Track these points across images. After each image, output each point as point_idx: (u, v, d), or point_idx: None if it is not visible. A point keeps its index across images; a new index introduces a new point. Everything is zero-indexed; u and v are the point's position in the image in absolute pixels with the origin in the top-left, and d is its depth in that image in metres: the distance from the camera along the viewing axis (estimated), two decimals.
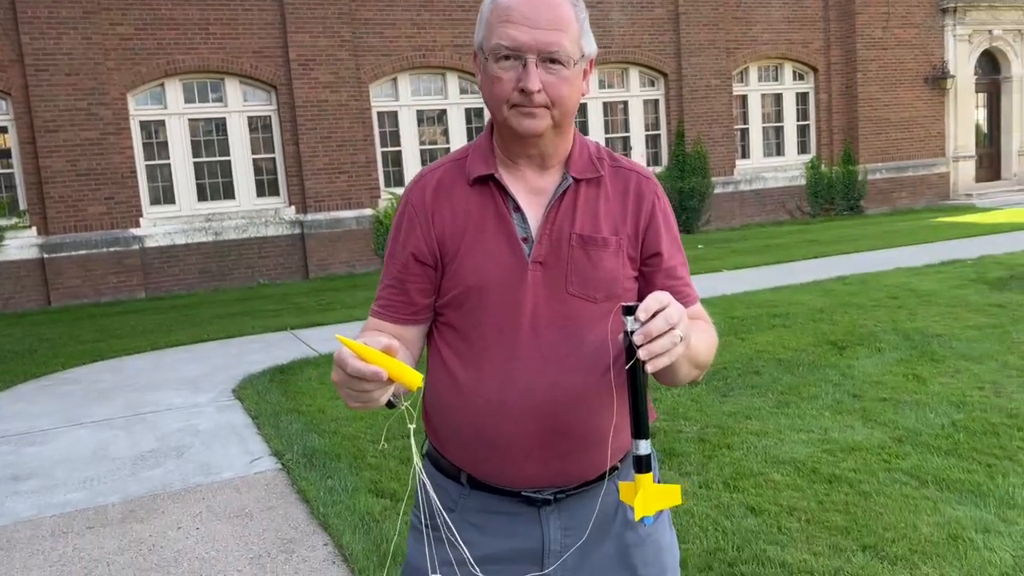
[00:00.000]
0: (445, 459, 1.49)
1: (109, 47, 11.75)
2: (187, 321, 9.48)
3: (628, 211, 1.45)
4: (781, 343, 6.50)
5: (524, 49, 1.31)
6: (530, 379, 1.38)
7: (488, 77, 1.36)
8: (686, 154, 15.94)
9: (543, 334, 1.39)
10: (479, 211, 1.42)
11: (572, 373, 1.38)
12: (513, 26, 1.31)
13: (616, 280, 1.42)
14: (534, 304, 1.39)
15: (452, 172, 1.46)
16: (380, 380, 1.14)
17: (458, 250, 1.41)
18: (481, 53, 1.38)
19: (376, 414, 5.21)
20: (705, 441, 4.42)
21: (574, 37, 1.35)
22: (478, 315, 1.40)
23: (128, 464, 4.76)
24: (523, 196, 1.43)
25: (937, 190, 18.50)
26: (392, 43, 13.51)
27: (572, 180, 1.42)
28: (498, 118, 1.39)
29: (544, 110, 1.34)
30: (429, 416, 1.52)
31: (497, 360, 1.40)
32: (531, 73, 1.31)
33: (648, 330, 1.14)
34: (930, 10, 17.87)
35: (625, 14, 15.30)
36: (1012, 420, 4.43)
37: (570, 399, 1.38)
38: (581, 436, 1.40)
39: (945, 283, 8.65)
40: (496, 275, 1.39)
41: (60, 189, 11.58)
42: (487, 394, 1.39)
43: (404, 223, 1.46)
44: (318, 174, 13.11)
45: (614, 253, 1.42)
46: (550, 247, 1.40)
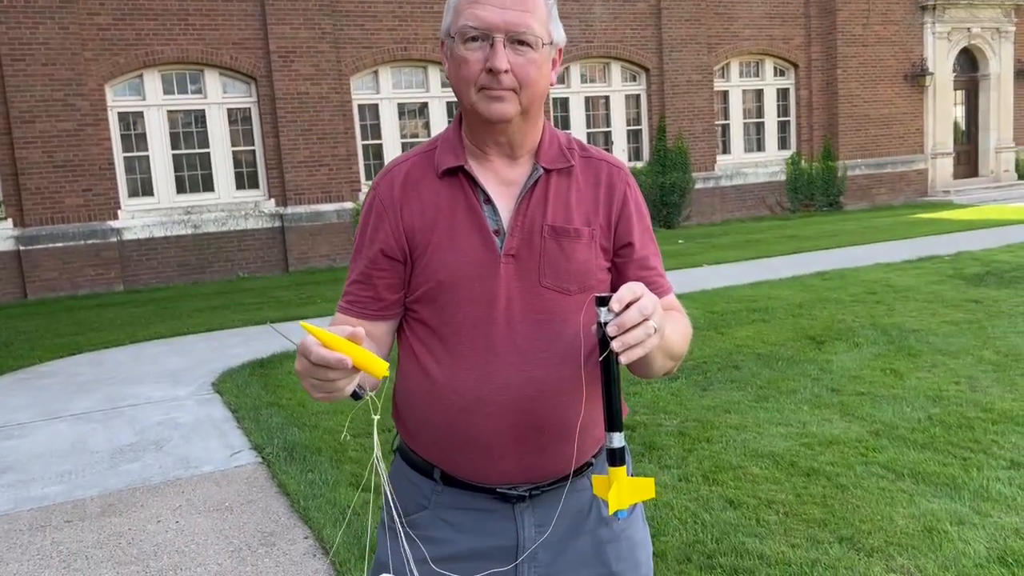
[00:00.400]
0: (417, 455, 1.47)
1: (87, 37, 11.61)
2: (166, 314, 9.41)
3: (600, 201, 1.44)
4: (760, 338, 6.55)
5: (492, 29, 1.30)
6: (506, 374, 1.36)
7: (455, 60, 1.34)
8: (667, 149, 15.99)
9: (518, 327, 1.37)
10: (449, 204, 1.40)
11: (548, 367, 1.37)
12: (480, 6, 1.30)
13: (589, 272, 1.41)
14: (508, 297, 1.37)
15: (420, 164, 1.44)
16: (345, 368, 1.11)
17: (428, 244, 1.39)
18: (448, 38, 1.36)
19: (358, 409, 5.20)
20: (685, 435, 4.45)
21: (542, 20, 1.34)
22: (451, 310, 1.38)
23: (107, 458, 4.72)
24: (493, 187, 1.41)
25: (916, 186, 18.68)
26: (373, 35, 13.45)
27: (543, 170, 1.41)
28: (466, 104, 1.36)
29: (512, 93, 1.32)
30: (400, 412, 1.49)
31: (472, 355, 1.38)
32: (499, 52, 1.29)
33: (622, 321, 1.12)
34: (909, 7, 18.02)
35: (607, 8, 15.31)
36: (987, 414, 4.49)
37: (546, 393, 1.37)
38: (557, 430, 1.39)
39: (923, 279, 8.75)
40: (468, 269, 1.37)
41: (37, 180, 11.44)
42: (463, 390, 1.37)
43: (372, 217, 1.43)
44: (298, 167, 13.04)
45: (587, 244, 1.41)
46: (522, 239, 1.38)
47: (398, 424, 1.51)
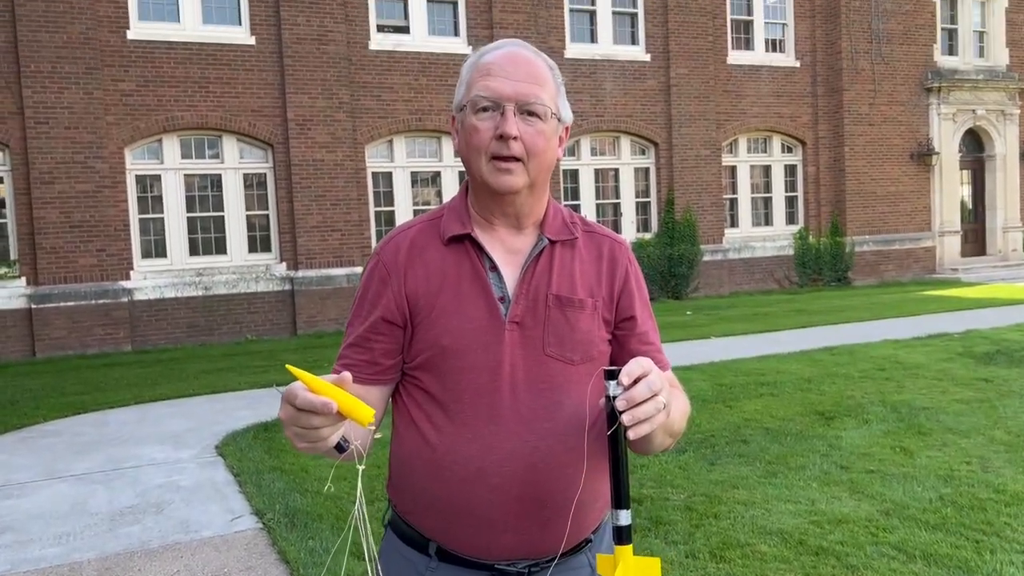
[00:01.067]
0: (412, 528, 1.43)
1: (110, 102, 11.91)
2: (173, 375, 9.41)
3: (603, 274, 1.46)
4: (769, 412, 6.50)
5: (503, 98, 1.34)
6: (510, 444, 1.35)
7: (466, 129, 1.38)
8: (676, 221, 16.13)
9: (521, 396, 1.36)
10: (455, 270, 1.40)
11: (552, 438, 1.36)
12: (493, 78, 1.35)
13: (592, 342, 1.42)
14: (512, 365, 1.37)
15: (426, 231, 1.45)
16: (330, 412, 1.09)
17: (432, 309, 1.39)
18: (459, 111, 1.41)
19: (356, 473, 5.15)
20: (692, 510, 4.39)
21: (551, 94, 1.39)
22: (454, 376, 1.37)
23: (106, 520, 4.67)
24: (499, 255, 1.42)
25: (923, 263, 18.73)
26: (389, 106, 13.75)
27: (548, 241, 1.43)
28: (475, 174, 1.39)
29: (520, 165, 1.35)
30: (396, 481, 1.46)
31: (474, 423, 1.36)
32: (509, 119, 1.33)
33: (631, 396, 1.12)
34: (915, 89, 18.35)
35: (618, 84, 15.65)
36: (999, 496, 4.41)
37: (550, 465, 1.35)
38: (560, 504, 1.36)
39: (932, 356, 8.70)
40: (473, 335, 1.37)
41: (52, 240, 11.60)
42: (464, 459, 1.35)
43: (374, 282, 1.43)
44: (311, 231, 13.19)
45: (590, 315, 1.42)
46: (527, 307, 1.39)
47: (392, 494, 1.48)
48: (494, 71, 1.36)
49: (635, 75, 15.84)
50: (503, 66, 1.36)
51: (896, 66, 18.06)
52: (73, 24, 11.54)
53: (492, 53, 1.40)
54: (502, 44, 1.41)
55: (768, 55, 17.33)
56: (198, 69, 12.43)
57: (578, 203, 15.68)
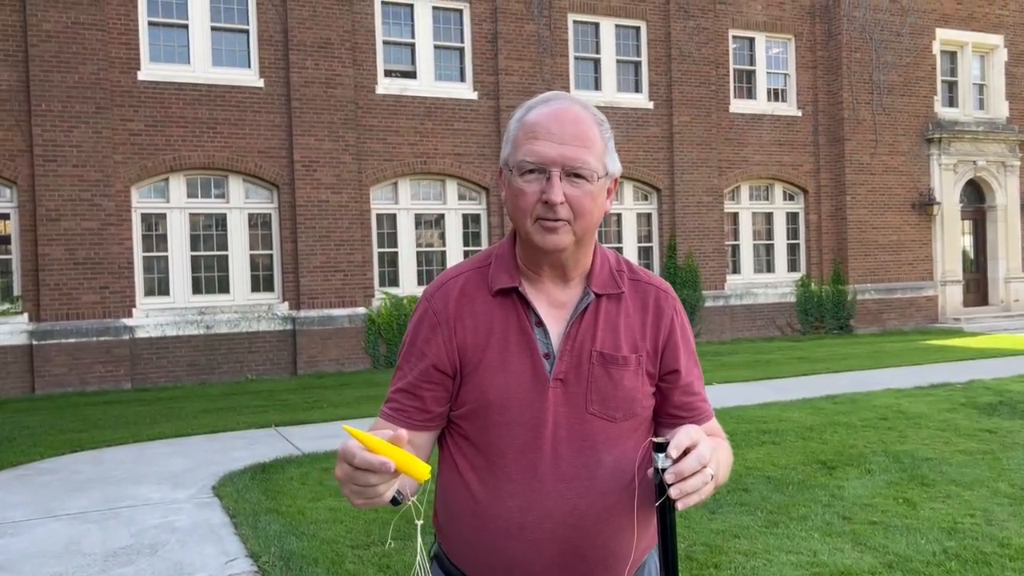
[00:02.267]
0: (456, 568, 1.45)
1: (118, 141, 12.05)
2: (172, 414, 9.37)
3: (648, 326, 1.45)
4: (771, 460, 6.44)
5: (549, 163, 1.33)
6: (551, 501, 1.35)
7: (513, 190, 1.37)
8: (678, 267, 16.18)
9: (563, 453, 1.37)
10: (502, 324, 1.41)
11: (592, 496, 1.37)
12: (539, 142, 1.34)
13: (636, 399, 1.41)
14: (555, 423, 1.37)
15: (474, 280, 1.45)
16: (388, 472, 1.10)
17: (480, 362, 1.39)
18: (507, 169, 1.40)
19: (357, 518, 5.10)
20: (693, 559, 4.33)
21: (599, 154, 1.38)
22: (497, 431, 1.38)
23: (99, 561, 4.62)
24: (544, 309, 1.42)
25: (926, 313, 18.72)
26: (395, 149, 13.89)
27: (594, 295, 1.42)
28: (522, 232, 1.39)
29: (566, 225, 1.35)
30: (440, 522, 1.48)
31: (517, 478, 1.37)
32: (555, 185, 1.33)
33: (680, 469, 1.14)
34: (916, 139, 18.52)
35: (621, 131, 15.82)
36: (1004, 550, 4.36)
37: (590, 523, 1.36)
38: (601, 559, 1.37)
39: (935, 406, 8.65)
40: (517, 391, 1.37)
41: (56, 276, 11.64)
42: (507, 514, 1.36)
43: (424, 328, 1.43)
44: (314, 272, 13.23)
45: (634, 372, 1.41)
46: (571, 364, 1.39)
47: (439, 533, 1.50)
48: (539, 133, 1.35)
49: (638, 122, 16.02)
50: (549, 127, 1.35)
51: (897, 117, 18.25)
52: (85, 65, 11.73)
53: (538, 109, 1.39)
54: (549, 99, 1.41)
55: (770, 104, 17.54)
56: (207, 110, 12.59)
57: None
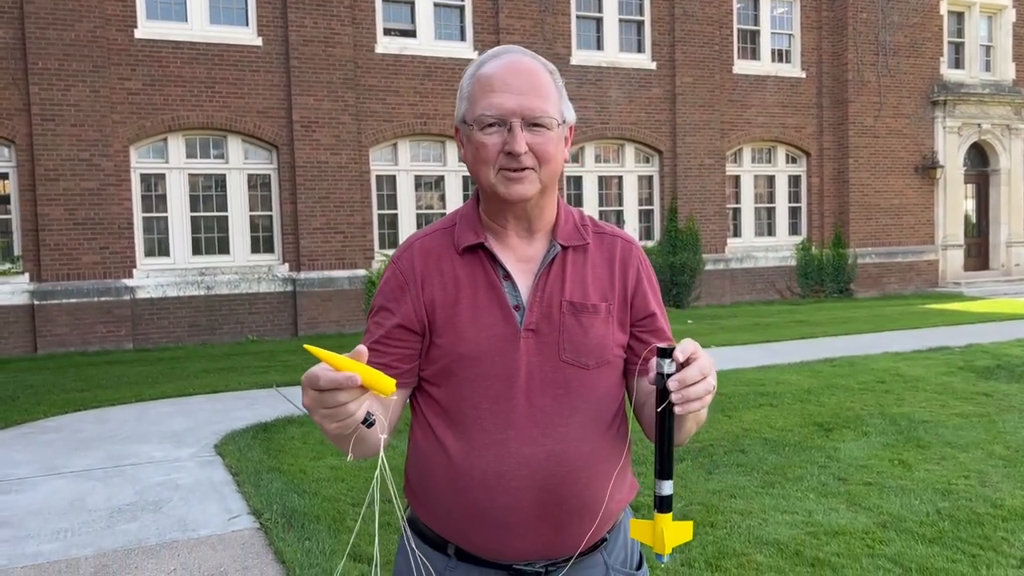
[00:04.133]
0: (431, 530, 1.46)
1: (116, 101, 11.95)
2: (173, 374, 9.42)
3: (615, 276, 1.47)
4: (768, 422, 6.50)
5: (508, 114, 1.35)
6: (528, 449, 1.37)
7: (473, 144, 1.39)
8: (678, 230, 16.14)
9: (537, 402, 1.38)
10: (469, 280, 1.42)
11: (568, 441, 1.38)
12: (497, 95, 1.36)
13: (606, 347, 1.43)
14: (528, 372, 1.39)
15: (440, 240, 1.47)
16: (355, 385, 1.09)
17: (449, 319, 1.41)
18: (464, 125, 1.41)
19: (357, 476, 5.16)
20: (689, 518, 4.37)
21: (555, 102, 1.40)
22: (470, 384, 1.39)
23: (104, 517, 4.68)
24: (512, 264, 1.44)
25: (926, 277, 18.73)
26: (394, 109, 13.79)
27: (560, 247, 1.44)
28: (485, 185, 1.40)
29: (531, 172, 1.37)
30: (413, 485, 1.49)
31: (491, 430, 1.38)
32: (517, 136, 1.34)
33: (684, 377, 1.18)
34: (921, 102, 18.37)
35: (623, 92, 15.68)
36: (997, 511, 4.41)
37: (567, 468, 1.38)
38: (578, 506, 1.39)
39: (932, 370, 8.70)
40: (489, 343, 1.39)
41: (56, 237, 11.63)
42: (483, 465, 1.37)
43: (392, 288, 1.45)
44: (314, 233, 13.21)
45: (604, 320, 1.43)
46: (541, 314, 1.41)
47: (410, 497, 1.50)
48: (496, 86, 1.36)
49: (640, 83, 15.87)
50: (505, 79, 1.37)
51: (902, 79, 18.08)
52: (81, 22, 11.59)
53: (490, 64, 1.40)
54: (499, 53, 1.42)
55: (774, 65, 17.36)
56: (204, 69, 12.47)
57: (580, 209, 15.66)
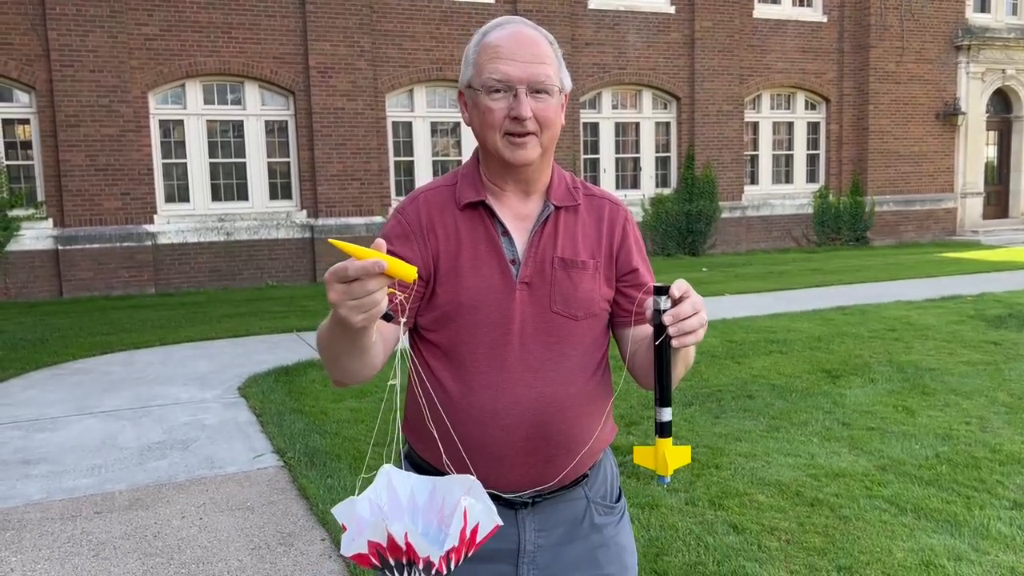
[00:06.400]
0: (428, 463, 1.58)
1: (133, 46, 11.99)
2: (196, 318, 9.65)
3: (603, 236, 1.59)
4: (776, 369, 6.63)
5: (515, 81, 1.45)
6: (520, 390, 1.50)
7: (480, 109, 1.49)
8: (695, 177, 16.10)
9: (530, 348, 1.51)
10: (470, 234, 1.54)
11: (556, 384, 1.52)
12: (503, 61, 1.46)
13: (594, 300, 1.56)
14: (522, 321, 1.51)
15: (444, 195, 1.58)
16: (382, 270, 1.15)
17: (451, 269, 1.52)
18: (469, 89, 1.51)
19: (375, 417, 5.35)
20: (695, 460, 4.55)
21: (556, 69, 1.50)
22: (469, 330, 1.51)
23: (135, 454, 4.91)
24: (510, 221, 1.56)
25: (944, 225, 18.62)
26: (410, 55, 13.74)
27: (553, 207, 1.56)
28: (489, 147, 1.51)
29: (533, 137, 1.48)
30: (412, 424, 1.61)
31: (487, 372, 1.51)
32: (523, 101, 1.45)
33: (679, 311, 1.27)
34: (944, 47, 18.04)
35: (641, 36, 15.51)
36: (994, 455, 4.55)
37: (554, 408, 1.51)
38: (564, 443, 1.53)
39: (943, 318, 8.77)
40: (488, 293, 1.51)
41: (77, 183, 11.80)
42: (479, 404, 1.50)
43: (397, 234, 1.54)
44: (331, 180, 13.31)
45: (592, 275, 1.56)
46: (535, 268, 1.53)
47: (409, 433, 1.63)
48: (503, 53, 1.46)
49: (659, 27, 15.68)
50: (512, 49, 1.47)
51: (926, 23, 17.74)
52: None
53: (495, 33, 1.50)
54: (502, 23, 1.51)
55: (795, 9, 17.07)
56: (221, 14, 12.46)
57: (598, 156, 15.68)
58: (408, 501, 1.21)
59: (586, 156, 15.55)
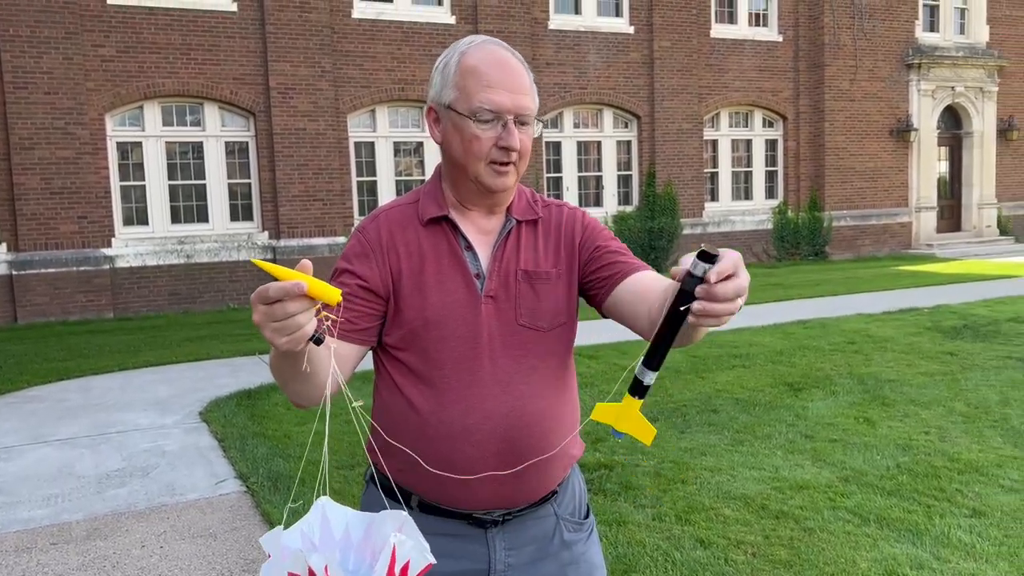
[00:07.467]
0: (395, 483, 1.53)
1: (90, 68, 11.83)
2: (155, 343, 9.49)
3: (562, 238, 1.60)
4: (740, 383, 6.69)
5: (505, 112, 1.46)
6: (489, 405, 1.49)
7: (465, 136, 1.47)
8: (656, 195, 16.27)
9: (499, 362, 1.51)
10: (433, 250, 1.54)
11: (527, 399, 1.51)
12: (494, 91, 1.45)
13: (560, 310, 1.56)
14: (489, 335, 1.51)
15: (405, 212, 1.58)
16: (302, 292, 1.09)
17: (416, 286, 1.51)
18: (450, 111, 1.49)
19: (341, 440, 5.29)
20: (661, 475, 4.57)
21: (534, 99, 1.52)
22: (436, 345, 1.50)
23: (93, 483, 4.80)
24: (473, 236, 1.56)
25: (900, 239, 19.01)
26: (372, 75, 13.73)
27: (515, 221, 1.57)
28: (470, 174, 1.50)
29: (513, 166, 1.49)
30: (378, 445, 1.56)
31: (457, 387, 1.49)
32: (513, 133, 1.46)
33: (716, 292, 1.11)
34: (896, 65, 18.49)
35: (601, 56, 15.68)
36: (953, 464, 4.63)
37: (525, 423, 1.50)
38: (532, 456, 1.51)
39: (902, 330, 8.93)
40: (453, 307, 1.50)
41: (32, 206, 11.57)
42: (450, 420, 1.49)
43: (357, 253, 1.53)
44: (293, 201, 13.22)
45: (554, 285, 1.56)
46: (500, 282, 1.53)
47: (375, 456, 1.58)
48: (492, 82, 1.45)
49: (618, 47, 15.87)
50: (499, 77, 1.46)
51: (877, 42, 18.18)
52: None
53: (477, 55, 1.48)
54: (481, 44, 1.50)
55: (751, 29, 17.39)
56: (179, 35, 12.36)
57: (561, 175, 15.77)
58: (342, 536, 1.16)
59: (549, 175, 15.64)
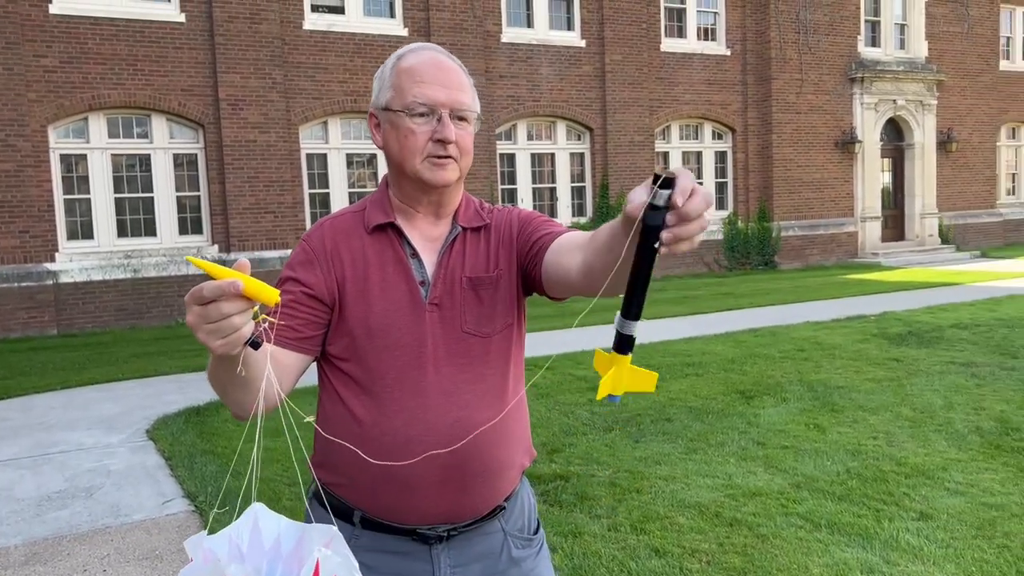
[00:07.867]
0: (337, 499, 1.52)
1: (31, 79, 11.55)
2: (101, 360, 9.25)
3: (502, 240, 1.59)
4: (693, 391, 6.75)
5: (440, 105, 1.46)
6: (433, 415, 1.46)
7: (401, 131, 1.47)
8: (610, 206, 16.39)
9: (443, 370, 1.48)
10: (378, 257, 1.52)
11: (473, 409, 1.48)
12: (427, 86, 1.46)
13: (507, 311, 1.55)
14: (434, 343, 1.49)
15: (351, 221, 1.56)
16: (238, 291, 1.04)
17: (359, 293, 1.49)
18: (387, 112, 1.50)
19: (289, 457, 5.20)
20: (616, 485, 4.57)
21: (473, 98, 1.53)
22: (378, 354, 1.47)
23: (33, 505, 4.64)
24: (419, 243, 1.54)
25: (846, 248, 19.42)
26: (324, 87, 13.63)
27: (461, 228, 1.56)
28: (408, 170, 1.49)
29: (453, 161, 1.48)
30: (320, 458, 1.54)
31: (400, 398, 1.46)
32: (448, 125, 1.46)
33: (687, 212, 1.04)
34: (840, 79, 18.94)
35: (554, 69, 15.79)
36: (901, 468, 4.71)
37: (471, 434, 1.47)
38: (479, 470, 1.49)
39: (849, 337, 9.10)
40: (397, 315, 1.48)
41: None
42: (392, 431, 1.45)
43: (301, 261, 1.51)
44: (243, 213, 13.03)
45: (496, 286, 1.55)
46: (445, 289, 1.51)
47: (319, 470, 1.55)
48: (426, 78, 1.47)
49: (570, 60, 16.00)
50: (434, 74, 1.47)
51: (822, 56, 18.61)
52: None
53: (413, 58, 1.50)
54: (417, 48, 1.52)
55: (700, 43, 17.67)
56: (125, 46, 12.13)
57: (515, 187, 15.81)
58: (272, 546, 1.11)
59: (504, 186, 15.67)
